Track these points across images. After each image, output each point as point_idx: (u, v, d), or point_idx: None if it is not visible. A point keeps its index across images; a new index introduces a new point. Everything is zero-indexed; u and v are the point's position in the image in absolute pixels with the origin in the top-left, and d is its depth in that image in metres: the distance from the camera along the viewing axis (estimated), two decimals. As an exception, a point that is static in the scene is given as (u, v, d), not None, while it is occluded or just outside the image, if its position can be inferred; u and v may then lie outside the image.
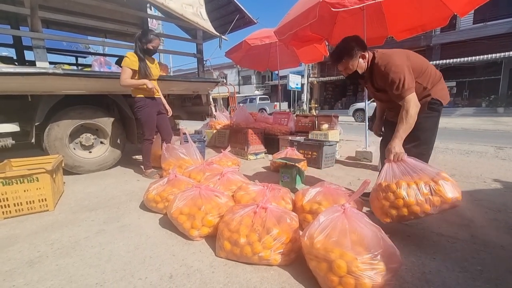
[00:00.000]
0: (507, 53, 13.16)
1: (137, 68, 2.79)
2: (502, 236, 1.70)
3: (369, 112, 3.83)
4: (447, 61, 15.52)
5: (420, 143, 1.87)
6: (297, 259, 1.43)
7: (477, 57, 14.30)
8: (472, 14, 14.56)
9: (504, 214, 2.01)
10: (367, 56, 1.85)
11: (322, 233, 1.23)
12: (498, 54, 13.48)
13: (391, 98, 1.81)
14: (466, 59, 14.75)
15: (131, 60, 2.78)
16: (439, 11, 3.68)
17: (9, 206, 2.04)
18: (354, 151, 4.11)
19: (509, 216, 1.99)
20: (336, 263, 1.14)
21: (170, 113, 3.20)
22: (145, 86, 2.79)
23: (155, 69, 3.00)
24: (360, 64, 1.86)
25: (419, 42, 16.37)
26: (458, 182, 2.78)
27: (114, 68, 3.54)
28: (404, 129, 1.69)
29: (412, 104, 1.68)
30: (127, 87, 2.86)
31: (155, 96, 3.01)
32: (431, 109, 1.85)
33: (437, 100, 1.85)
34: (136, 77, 2.83)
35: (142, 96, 2.90)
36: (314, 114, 4.84)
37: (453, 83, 16.81)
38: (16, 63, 4.50)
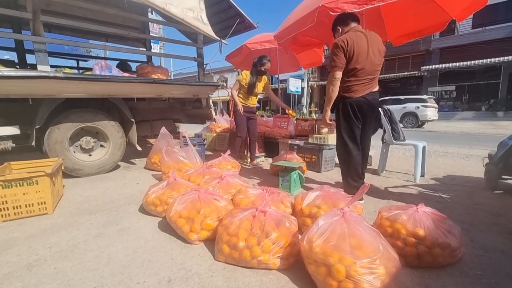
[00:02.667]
0: (506, 58, 13.24)
1: (245, 84, 3.59)
2: (502, 240, 1.69)
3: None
4: (446, 65, 15.61)
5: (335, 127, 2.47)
6: (296, 263, 1.42)
7: (476, 61, 14.39)
8: (471, 19, 14.68)
9: (504, 219, 2.01)
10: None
11: (321, 237, 1.23)
12: (497, 59, 13.56)
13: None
14: (465, 63, 14.84)
15: (243, 77, 3.61)
16: (437, 16, 3.70)
17: (8, 209, 2.04)
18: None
19: (509, 220, 1.98)
20: (335, 268, 1.13)
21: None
22: (239, 104, 3.58)
23: (260, 87, 3.72)
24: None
25: (418, 47, 16.49)
26: (458, 186, 2.80)
27: (115, 72, 3.56)
28: (326, 99, 2.37)
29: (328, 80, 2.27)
30: (231, 96, 3.68)
31: (249, 105, 3.75)
32: (336, 102, 2.34)
33: (344, 95, 2.27)
34: (244, 90, 3.65)
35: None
36: (314, 117, 4.83)
37: (453, 87, 16.89)
38: (18, 67, 4.53)
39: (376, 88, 2.32)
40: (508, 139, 2.66)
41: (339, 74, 2.19)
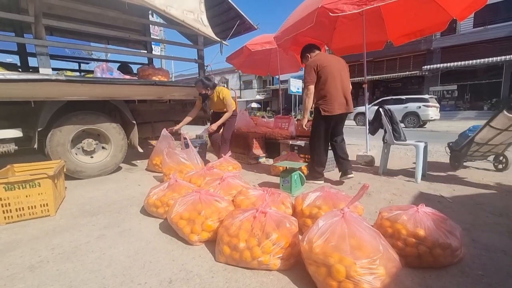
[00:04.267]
0: (508, 57, 13.18)
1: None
2: (503, 240, 1.68)
3: (369, 116, 3.83)
4: (448, 64, 15.56)
5: (311, 129, 3.09)
6: (296, 264, 1.42)
7: (478, 60, 14.33)
8: (472, 18, 14.65)
9: (506, 218, 2.00)
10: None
11: (321, 237, 1.23)
12: (499, 57, 13.51)
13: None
14: (466, 62, 14.80)
15: (196, 103, 3.77)
16: (438, 16, 3.70)
17: (11, 211, 2.06)
18: (355, 155, 4.11)
19: (510, 220, 1.97)
20: (335, 268, 1.14)
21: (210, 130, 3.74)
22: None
23: (216, 104, 3.67)
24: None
25: (419, 46, 16.46)
26: (459, 185, 2.80)
27: (116, 74, 3.58)
28: (303, 109, 3.09)
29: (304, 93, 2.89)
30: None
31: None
32: (314, 109, 3.01)
33: (318, 108, 2.86)
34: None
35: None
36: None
37: (454, 87, 16.83)
38: (20, 70, 4.56)
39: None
40: (468, 131, 3.31)
41: (312, 88, 2.85)
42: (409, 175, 3.26)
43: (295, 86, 13.57)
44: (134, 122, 3.66)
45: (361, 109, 13.09)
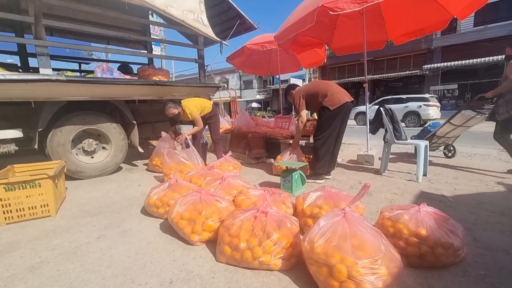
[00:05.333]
0: (508, 55, 13.13)
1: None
2: (505, 239, 1.68)
3: (370, 116, 3.82)
4: (448, 64, 15.52)
5: (316, 130, 3.08)
6: (297, 264, 1.42)
7: (479, 59, 14.29)
8: (473, 17, 14.60)
9: (508, 217, 1.99)
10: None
11: (322, 237, 1.22)
12: (499, 56, 13.46)
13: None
14: (467, 61, 14.76)
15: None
16: (439, 15, 3.70)
17: (11, 212, 2.06)
18: (356, 154, 4.10)
19: (512, 219, 1.96)
20: (337, 268, 1.13)
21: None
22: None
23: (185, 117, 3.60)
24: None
25: (420, 45, 16.42)
26: (461, 185, 2.79)
27: (117, 74, 3.57)
28: (295, 135, 3.39)
29: (299, 121, 3.17)
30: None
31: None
32: (319, 114, 3.04)
33: (325, 106, 2.89)
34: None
35: None
36: (316, 118, 4.82)
37: (455, 86, 16.78)
38: (20, 70, 4.56)
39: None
40: (429, 127, 3.92)
41: (304, 114, 3.16)
42: (410, 174, 3.25)
43: (296, 86, 13.54)
44: (135, 122, 3.66)
45: (361, 108, 13.06)
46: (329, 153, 3.04)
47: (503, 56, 3.45)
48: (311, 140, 4.29)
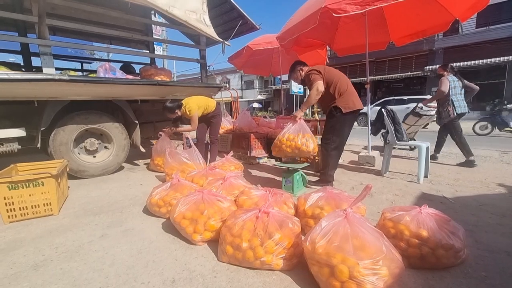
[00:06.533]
0: (511, 57, 13.11)
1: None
2: (507, 241, 1.68)
3: (371, 117, 3.83)
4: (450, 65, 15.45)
5: (324, 133, 2.86)
6: (299, 264, 1.43)
7: (480, 61, 14.26)
8: (475, 19, 14.57)
9: (509, 219, 1.99)
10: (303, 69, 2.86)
11: (324, 238, 1.23)
12: (501, 58, 13.43)
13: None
14: (469, 63, 14.72)
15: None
16: (441, 17, 3.70)
17: (14, 210, 2.07)
18: (357, 155, 4.10)
19: (514, 221, 1.96)
20: (338, 268, 1.14)
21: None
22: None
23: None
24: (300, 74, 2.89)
25: (421, 46, 16.39)
26: (462, 186, 2.79)
27: (119, 74, 3.59)
28: (305, 102, 2.72)
29: (314, 88, 2.58)
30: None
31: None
32: (330, 114, 2.75)
33: (338, 107, 2.64)
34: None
35: None
36: (317, 118, 4.83)
37: (457, 87, 16.71)
38: (23, 69, 4.59)
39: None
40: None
41: (321, 84, 2.65)
42: (411, 175, 3.25)
43: (297, 86, 13.50)
44: (137, 122, 3.67)
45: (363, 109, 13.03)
46: (338, 158, 2.95)
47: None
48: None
